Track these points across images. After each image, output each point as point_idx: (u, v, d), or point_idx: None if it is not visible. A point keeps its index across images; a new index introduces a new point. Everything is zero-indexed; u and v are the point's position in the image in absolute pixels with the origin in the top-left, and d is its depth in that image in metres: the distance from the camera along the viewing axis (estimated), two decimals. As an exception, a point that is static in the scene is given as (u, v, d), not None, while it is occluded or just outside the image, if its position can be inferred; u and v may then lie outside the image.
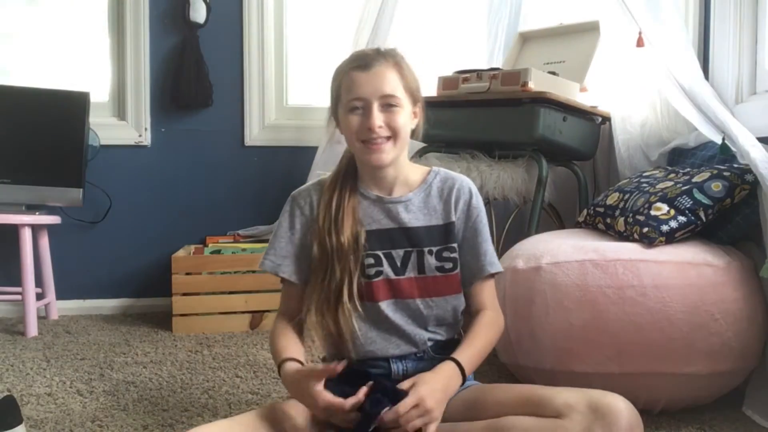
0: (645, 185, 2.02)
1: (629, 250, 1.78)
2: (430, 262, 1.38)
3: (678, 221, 1.80)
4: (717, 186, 1.82)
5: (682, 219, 1.80)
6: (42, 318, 2.76)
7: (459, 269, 1.40)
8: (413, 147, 2.60)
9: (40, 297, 2.72)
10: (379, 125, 1.31)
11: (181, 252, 2.75)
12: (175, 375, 2.07)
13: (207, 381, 2.02)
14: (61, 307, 2.85)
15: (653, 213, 1.84)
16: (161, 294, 2.78)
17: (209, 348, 2.36)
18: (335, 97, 1.38)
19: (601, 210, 2.08)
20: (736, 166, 1.89)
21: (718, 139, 1.99)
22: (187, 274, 2.60)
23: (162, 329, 2.62)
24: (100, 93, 2.94)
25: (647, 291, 1.67)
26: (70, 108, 2.73)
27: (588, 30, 2.57)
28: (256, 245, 2.79)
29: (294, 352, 1.33)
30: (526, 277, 1.81)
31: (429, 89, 2.50)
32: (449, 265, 1.39)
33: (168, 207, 2.98)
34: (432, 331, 1.39)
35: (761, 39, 2.24)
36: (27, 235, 2.55)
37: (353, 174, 1.42)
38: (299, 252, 1.41)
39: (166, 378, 2.04)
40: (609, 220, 2.02)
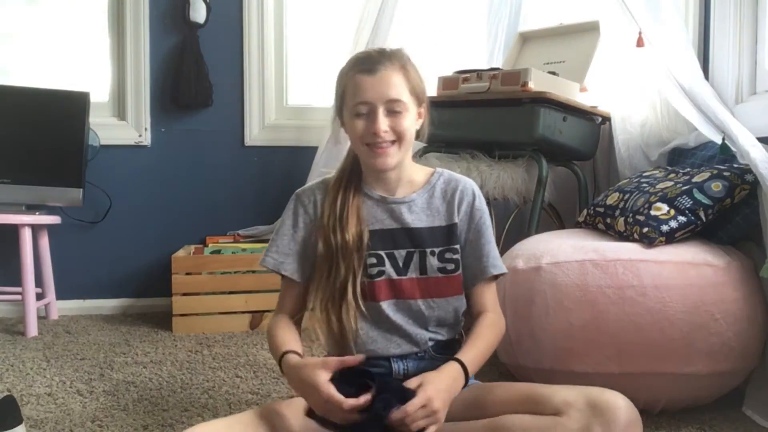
0: (645, 185, 2.02)
1: (629, 250, 1.78)
2: (432, 262, 1.38)
3: (678, 221, 1.80)
4: (717, 186, 1.82)
5: (682, 219, 1.80)
6: (42, 318, 2.76)
7: (461, 270, 1.40)
8: (413, 147, 2.60)
9: (40, 297, 2.72)
10: (385, 130, 1.31)
11: (181, 252, 2.75)
12: (175, 375, 2.07)
13: (207, 381, 2.02)
14: (61, 307, 2.85)
15: (653, 213, 1.84)
16: (161, 294, 2.78)
17: (209, 348, 2.36)
18: (340, 99, 1.38)
19: (601, 210, 2.08)
20: (736, 166, 1.89)
21: (718, 139, 1.99)
22: (187, 274, 2.60)
23: (162, 329, 2.62)
24: (100, 93, 2.94)
25: (647, 291, 1.67)
26: (70, 108, 2.73)
27: (588, 30, 2.57)
28: (256, 245, 2.79)
29: (295, 346, 1.32)
30: (526, 277, 1.81)
31: (429, 89, 2.48)
32: (451, 266, 1.39)
33: (168, 207, 2.98)
34: (433, 332, 1.39)
35: (761, 39, 2.24)
36: (27, 235, 2.55)
37: (357, 174, 1.42)
38: (302, 250, 1.41)
39: (166, 378, 2.04)
40: (609, 220, 2.02)
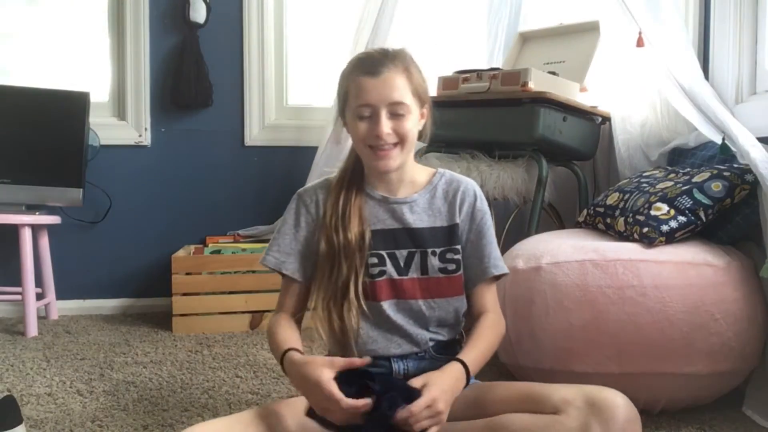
0: (645, 185, 2.02)
1: (629, 250, 1.78)
2: (433, 263, 1.38)
3: (678, 221, 1.80)
4: (717, 186, 1.82)
5: (682, 219, 1.80)
6: (42, 318, 2.76)
7: (462, 271, 1.40)
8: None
9: (40, 297, 2.72)
10: (387, 132, 1.31)
11: (181, 252, 2.75)
12: (175, 375, 2.07)
13: (207, 381, 2.02)
14: (61, 307, 2.85)
15: (653, 213, 1.84)
16: (161, 294, 2.78)
17: (209, 348, 2.36)
18: (343, 100, 1.38)
19: (601, 210, 2.08)
20: (736, 166, 1.89)
21: (718, 139, 1.99)
22: (187, 274, 2.60)
23: (162, 329, 2.62)
24: (100, 93, 2.94)
25: (647, 291, 1.67)
26: (70, 108, 2.73)
27: (588, 30, 2.57)
28: (256, 245, 2.79)
29: (297, 344, 1.32)
30: (526, 277, 1.81)
31: (429, 90, 2.49)
32: (452, 267, 1.39)
33: (168, 207, 2.98)
34: (434, 332, 1.39)
35: (761, 39, 2.24)
36: (27, 235, 2.55)
37: (360, 173, 1.43)
38: (303, 250, 1.41)
39: (166, 378, 2.04)
40: (609, 220, 2.02)
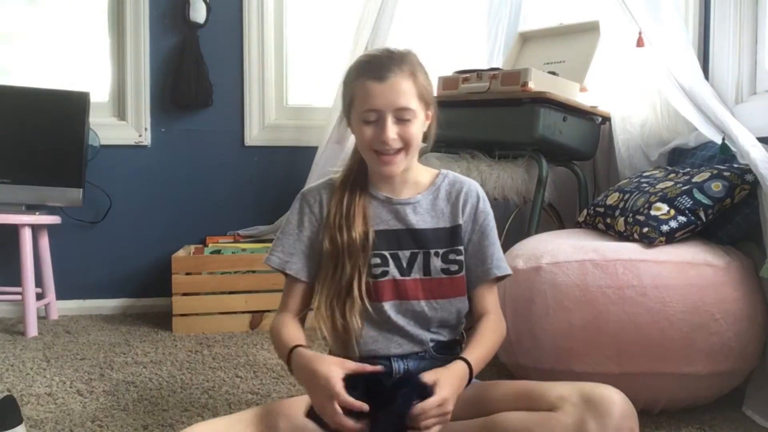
0: (645, 185, 2.02)
1: (629, 250, 1.78)
2: (435, 264, 1.38)
3: (678, 221, 1.80)
4: (717, 186, 1.82)
5: (682, 219, 1.80)
6: (42, 318, 2.76)
7: (464, 272, 1.40)
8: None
9: (40, 297, 2.72)
10: (393, 138, 1.31)
11: (181, 252, 2.75)
12: (175, 375, 2.07)
13: (207, 381, 2.02)
14: (61, 307, 2.85)
15: (653, 213, 1.84)
16: (161, 294, 2.79)
17: (209, 348, 2.36)
18: (348, 103, 1.38)
19: (601, 210, 2.08)
20: (736, 166, 1.89)
21: (718, 139, 1.99)
22: (187, 274, 2.60)
23: (162, 329, 2.62)
24: (100, 93, 2.94)
25: (647, 291, 1.67)
26: (70, 108, 2.73)
27: (588, 30, 2.57)
28: (256, 245, 2.79)
29: (303, 342, 1.31)
30: (526, 277, 1.81)
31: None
32: (455, 268, 1.39)
33: (168, 207, 2.98)
34: (435, 332, 1.39)
35: (761, 39, 2.24)
36: (27, 235, 2.55)
37: (363, 174, 1.43)
38: (307, 250, 1.41)
39: (166, 378, 2.04)
40: (609, 220, 2.02)
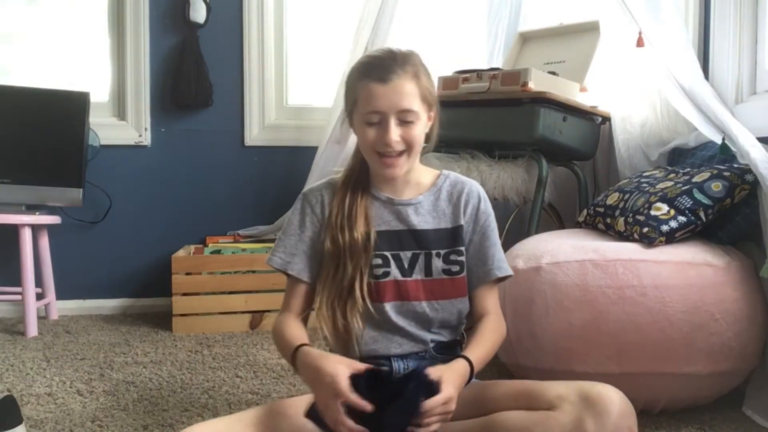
0: (645, 185, 2.02)
1: (629, 250, 1.78)
2: (437, 264, 1.38)
3: (678, 221, 1.80)
4: (717, 186, 1.82)
5: (682, 219, 1.80)
6: (42, 318, 2.76)
7: (465, 272, 1.40)
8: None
9: (40, 297, 2.72)
10: (396, 140, 1.32)
11: (181, 252, 2.75)
12: (175, 375, 2.07)
13: (207, 381, 2.02)
14: (61, 307, 2.85)
15: (653, 213, 1.84)
16: (161, 294, 2.78)
17: (209, 348, 2.36)
18: (351, 104, 1.38)
19: (601, 210, 2.08)
20: (736, 166, 1.89)
21: (718, 139, 1.99)
22: (187, 274, 2.60)
23: (162, 329, 2.62)
24: (100, 93, 2.94)
25: (647, 291, 1.67)
26: (70, 108, 2.73)
27: (588, 30, 2.57)
28: (256, 245, 2.79)
29: (308, 341, 1.31)
30: (526, 277, 1.81)
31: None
32: (456, 268, 1.39)
33: (168, 207, 2.98)
34: (435, 333, 1.39)
35: (761, 39, 2.24)
36: (27, 235, 2.55)
37: (365, 174, 1.43)
38: (309, 250, 1.41)
39: (166, 378, 2.04)
40: (609, 220, 2.02)
